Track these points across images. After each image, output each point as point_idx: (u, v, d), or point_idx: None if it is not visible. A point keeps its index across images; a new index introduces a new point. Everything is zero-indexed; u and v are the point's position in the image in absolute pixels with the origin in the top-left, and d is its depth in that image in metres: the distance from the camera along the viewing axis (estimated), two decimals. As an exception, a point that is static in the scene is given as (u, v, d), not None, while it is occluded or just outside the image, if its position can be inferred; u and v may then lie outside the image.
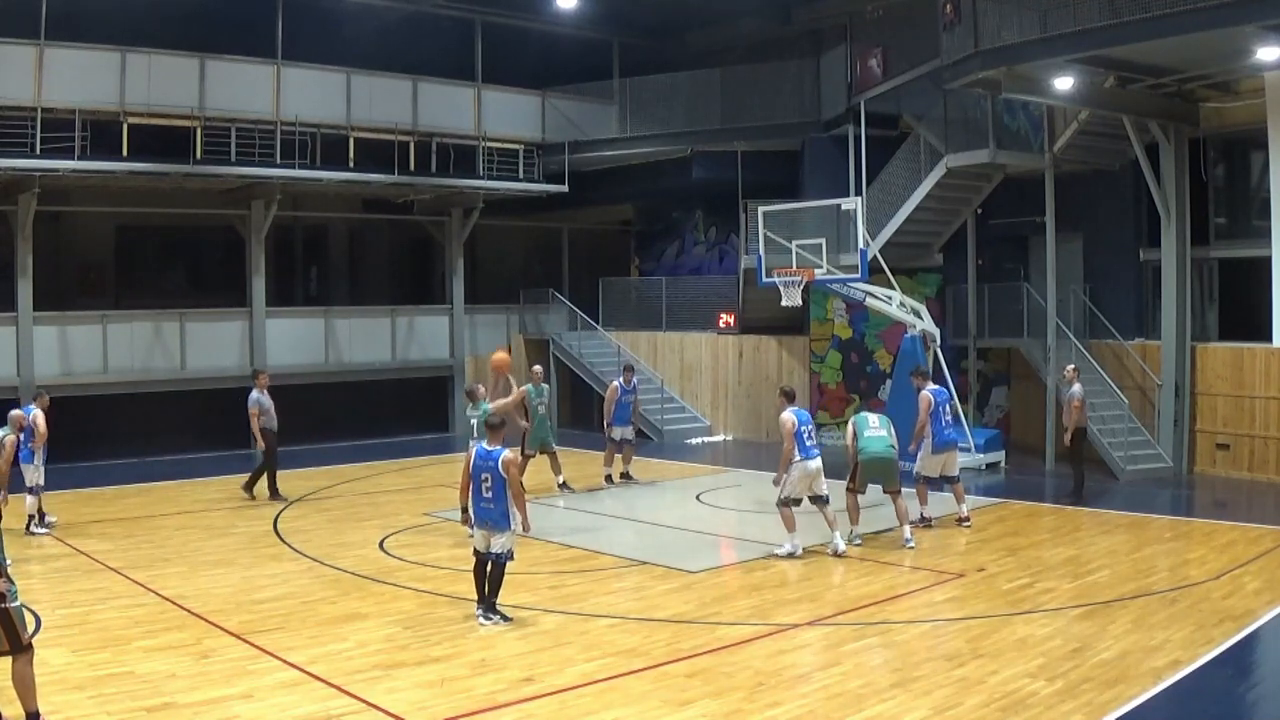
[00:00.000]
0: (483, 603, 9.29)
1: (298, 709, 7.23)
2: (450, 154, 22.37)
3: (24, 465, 12.96)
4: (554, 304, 25.42)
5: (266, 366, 21.10)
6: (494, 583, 9.27)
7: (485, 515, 9.27)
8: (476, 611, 9.30)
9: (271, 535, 13.08)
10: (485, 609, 9.27)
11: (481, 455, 9.29)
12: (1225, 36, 13.52)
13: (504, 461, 9.15)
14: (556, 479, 15.81)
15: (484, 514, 9.28)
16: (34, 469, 13.08)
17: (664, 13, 23.53)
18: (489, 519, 9.25)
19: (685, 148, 23.34)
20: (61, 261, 21.70)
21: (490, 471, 9.17)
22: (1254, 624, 9.09)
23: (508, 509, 9.23)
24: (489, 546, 9.25)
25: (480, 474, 9.24)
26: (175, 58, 19.06)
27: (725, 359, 23.00)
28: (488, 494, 9.21)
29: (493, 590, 9.28)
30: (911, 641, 8.74)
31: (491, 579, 9.27)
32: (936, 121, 19.20)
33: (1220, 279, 18.01)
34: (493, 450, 9.25)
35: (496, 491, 9.17)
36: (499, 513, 9.21)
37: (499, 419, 9.75)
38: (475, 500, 9.33)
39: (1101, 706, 7.19)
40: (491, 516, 9.23)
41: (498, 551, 9.22)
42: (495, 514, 9.22)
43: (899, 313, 17.65)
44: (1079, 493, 14.92)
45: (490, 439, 9.41)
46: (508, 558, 9.27)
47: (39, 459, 13.11)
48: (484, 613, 9.26)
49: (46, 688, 7.41)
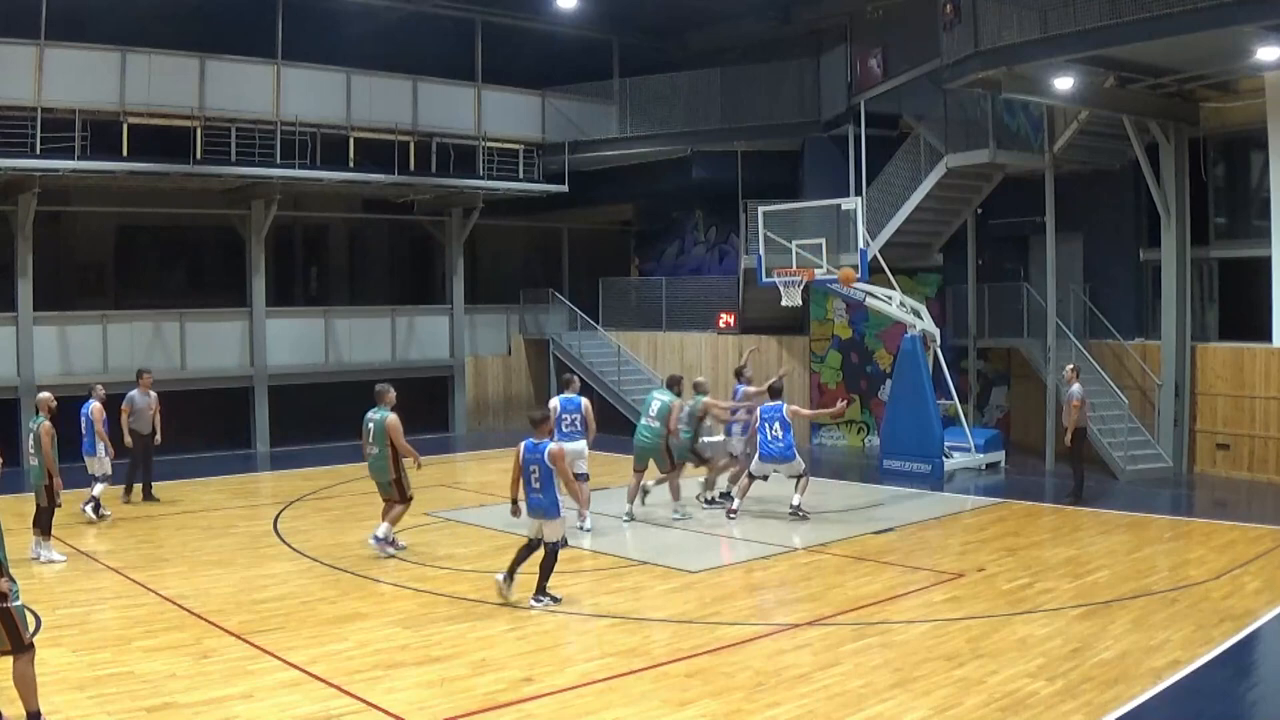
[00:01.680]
0: (511, 575, 9.82)
1: (298, 709, 7.23)
2: (450, 154, 22.37)
3: (87, 458, 13.74)
4: (554, 304, 25.42)
5: (267, 366, 21.23)
6: (545, 569, 9.73)
7: (536, 505, 9.72)
8: (499, 576, 9.85)
9: (271, 535, 13.09)
10: (535, 593, 9.74)
11: (529, 448, 9.70)
12: (1225, 36, 13.51)
13: (550, 454, 9.57)
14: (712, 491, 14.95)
15: (534, 504, 9.73)
16: (97, 460, 13.75)
17: (664, 13, 23.52)
18: (539, 508, 9.70)
19: (685, 148, 23.33)
20: (61, 261, 21.69)
21: (538, 463, 9.61)
22: (1254, 624, 9.10)
23: (556, 498, 9.66)
24: (540, 535, 9.75)
25: (529, 466, 9.68)
26: (175, 58, 19.05)
27: (725, 359, 22.99)
28: (536, 485, 9.66)
29: (543, 575, 9.73)
30: (911, 641, 8.74)
31: (543, 565, 9.73)
32: (936, 121, 19.20)
33: (1220, 279, 18.00)
34: (539, 443, 9.68)
35: (544, 482, 9.62)
36: (548, 502, 9.65)
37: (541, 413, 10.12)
38: (526, 492, 9.76)
39: (1101, 706, 7.19)
40: (541, 505, 9.68)
41: (551, 541, 9.72)
42: (545, 503, 9.67)
43: (899, 313, 17.65)
44: (1079, 493, 14.92)
45: (537, 432, 9.77)
46: (561, 544, 9.80)
47: (102, 450, 13.74)
48: (535, 595, 9.73)
49: (46, 688, 7.42)
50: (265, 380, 21.26)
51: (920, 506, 14.86)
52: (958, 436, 17.91)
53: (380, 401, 11.76)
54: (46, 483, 11.34)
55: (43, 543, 11.46)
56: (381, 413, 11.64)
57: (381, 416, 11.60)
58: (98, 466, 13.77)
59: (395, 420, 11.58)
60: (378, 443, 11.55)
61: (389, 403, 11.75)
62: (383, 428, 11.52)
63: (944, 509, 14.70)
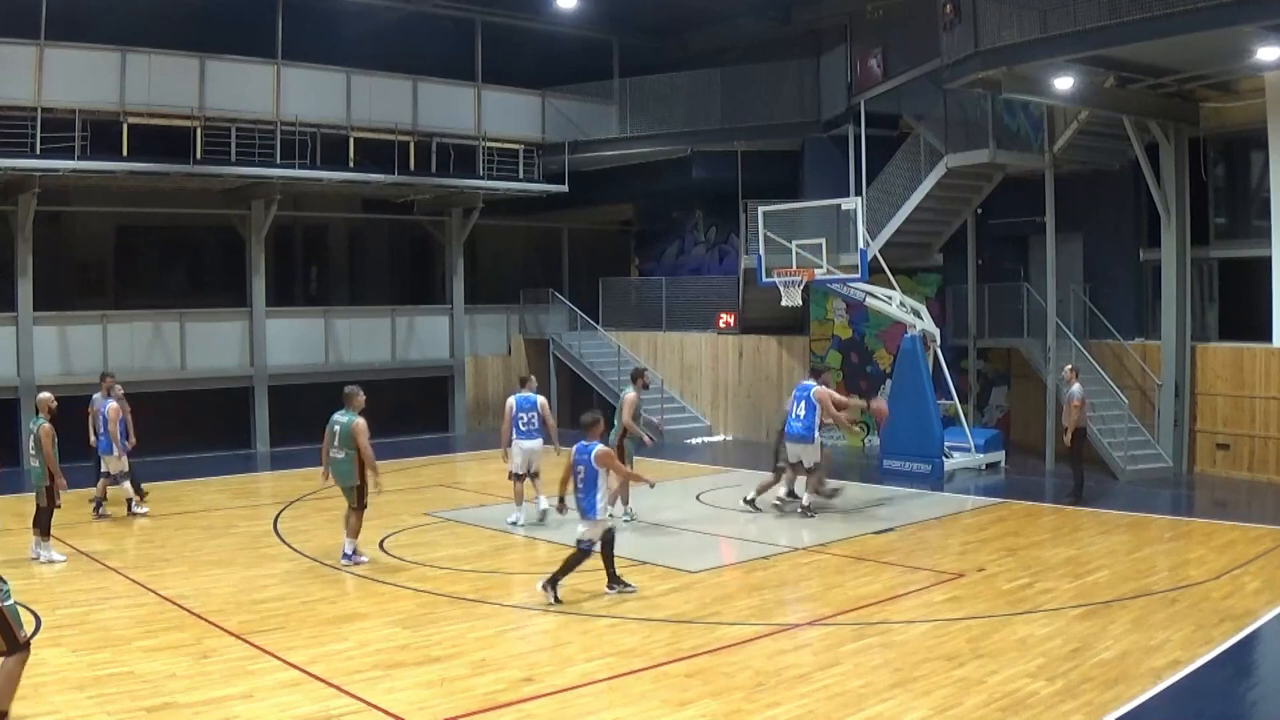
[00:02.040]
0: (614, 580, 10.13)
1: (298, 709, 7.23)
2: (450, 154, 22.38)
3: (104, 455, 13.83)
4: (554, 304, 25.43)
5: (267, 366, 21.23)
6: (568, 565, 9.93)
7: (577, 504, 10.03)
8: (611, 589, 10.09)
9: (271, 535, 13.09)
10: (608, 581, 10.07)
11: (579, 450, 9.98)
12: (1225, 36, 13.51)
13: (597, 455, 9.84)
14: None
15: (577, 503, 10.04)
16: (114, 458, 13.83)
17: (664, 13, 23.53)
18: (579, 508, 10.01)
19: (685, 148, 23.34)
20: (61, 261, 21.70)
21: (584, 464, 9.90)
22: (1254, 624, 9.09)
23: (595, 501, 9.90)
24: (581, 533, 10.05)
25: (576, 467, 10.01)
26: (175, 58, 19.06)
27: (725, 359, 23.01)
28: (580, 485, 9.97)
29: (563, 569, 9.90)
30: (911, 641, 8.74)
31: (567, 560, 9.96)
32: (936, 121, 19.19)
33: (1220, 279, 18.00)
34: (588, 445, 9.96)
35: (588, 483, 9.90)
36: (588, 503, 9.93)
37: (591, 416, 10.30)
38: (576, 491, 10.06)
39: (1101, 706, 7.19)
40: (581, 506, 9.98)
41: (582, 540, 9.94)
42: (585, 504, 9.95)
43: (899, 313, 17.66)
44: (1079, 493, 14.92)
45: (588, 434, 10.02)
46: (589, 545, 9.97)
47: (119, 448, 13.80)
48: (608, 584, 10.06)
49: (46, 688, 7.43)
50: (265, 380, 21.26)
51: (920, 506, 14.85)
52: (958, 436, 17.91)
53: (348, 404, 11.50)
54: (47, 483, 11.33)
55: (42, 543, 11.46)
56: (349, 416, 11.38)
57: (349, 419, 11.34)
58: (115, 464, 13.79)
59: (362, 424, 11.33)
60: (344, 446, 11.29)
61: (357, 406, 11.49)
62: (349, 431, 11.28)
63: (944, 509, 14.70)
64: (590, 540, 10.00)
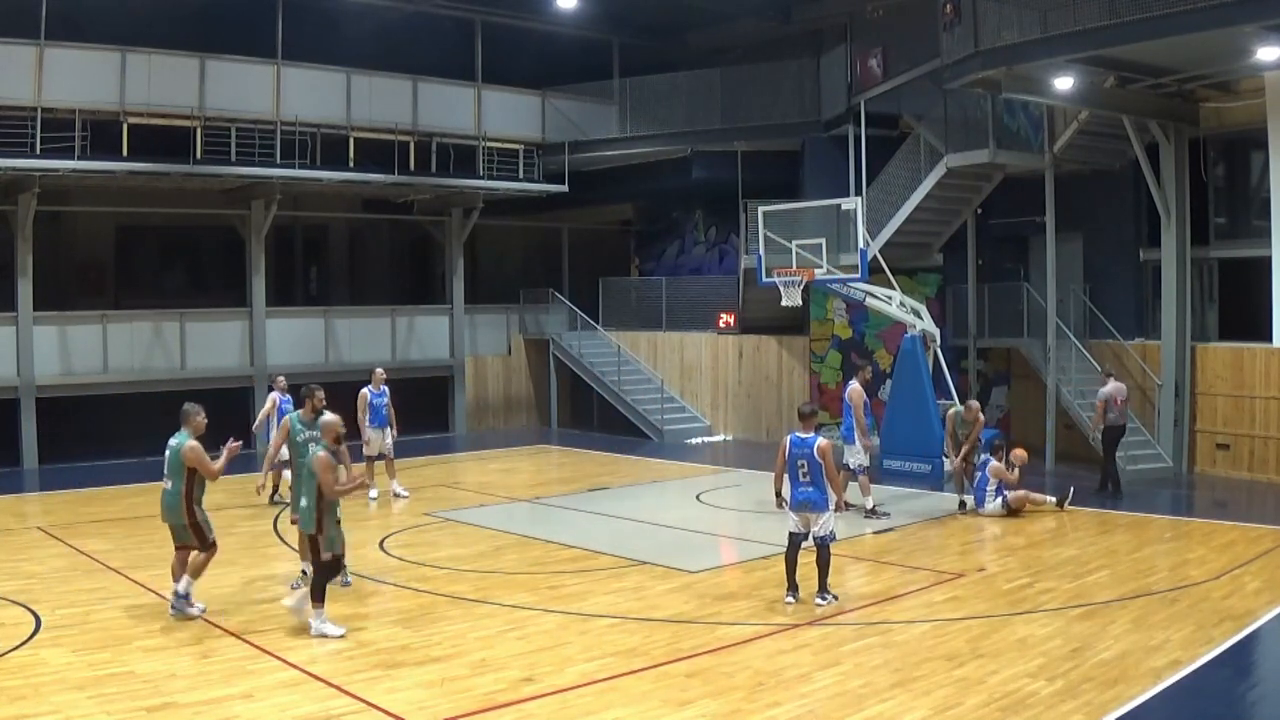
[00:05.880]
0: (794, 588, 9.78)
1: (298, 709, 7.23)
2: (450, 154, 22.38)
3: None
4: (554, 304, 25.42)
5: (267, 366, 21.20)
6: (822, 565, 9.75)
7: (805, 499, 9.76)
8: (788, 598, 9.74)
9: (271, 535, 13.09)
10: (818, 591, 9.73)
11: (797, 443, 9.75)
12: (1225, 36, 13.51)
13: (819, 448, 9.61)
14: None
15: (804, 497, 9.77)
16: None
17: (664, 13, 23.53)
18: (809, 501, 9.76)
19: (685, 148, 23.34)
20: (61, 261, 21.71)
21: (806, 458, 9.67)
22: (1254, 624, 9.10)
23: (826, 491, 9.73)
24: (809, 528, 9.77)
25: (797, 460, 9.73)
26: (175, 58, 19.05)
27: (725, 359, 23.02)
28: (805, 479, 9.72)
29: (822, 571, 9.74)
30: (911, 641, 8.74)
31: (819, 562, 9.75)
32: (936, 121, 19.20)
33: (1220, 279, 18.01)
34: (808, 437, 9.72)
35: (814, 476, 9.68)
36: (818, 495, 9.72)
37: (810, 408, 10.11)
38: (793, 486, 9.80)
39: (1101, 706, 7.19)
40: (811, 499, 9.75)
41: (822, 534, 9.73)
42: (815, 496, 9.73)
43: (899, 313, 17.64)
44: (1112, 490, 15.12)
45: (804, 426, 9.83)
46: (831, 538, 9.80)
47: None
48: (819, 594, 9.73)
49: (47, 688, 7.44)
50: (266, 380, 21.22)
51: (920, 506, 14.85)
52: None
53: (184, 423, 9.38)
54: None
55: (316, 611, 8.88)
56: (180, 438, 9.28)
57: (179, 443, 9.24)
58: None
59: (195, 447, 9.20)
60: (172, 475, 9.22)
61: (195, 427, 9.39)
62: (178, 456, 9.17)
63: (944, 509, 14.70)
64: (833, 532, 9.84)
